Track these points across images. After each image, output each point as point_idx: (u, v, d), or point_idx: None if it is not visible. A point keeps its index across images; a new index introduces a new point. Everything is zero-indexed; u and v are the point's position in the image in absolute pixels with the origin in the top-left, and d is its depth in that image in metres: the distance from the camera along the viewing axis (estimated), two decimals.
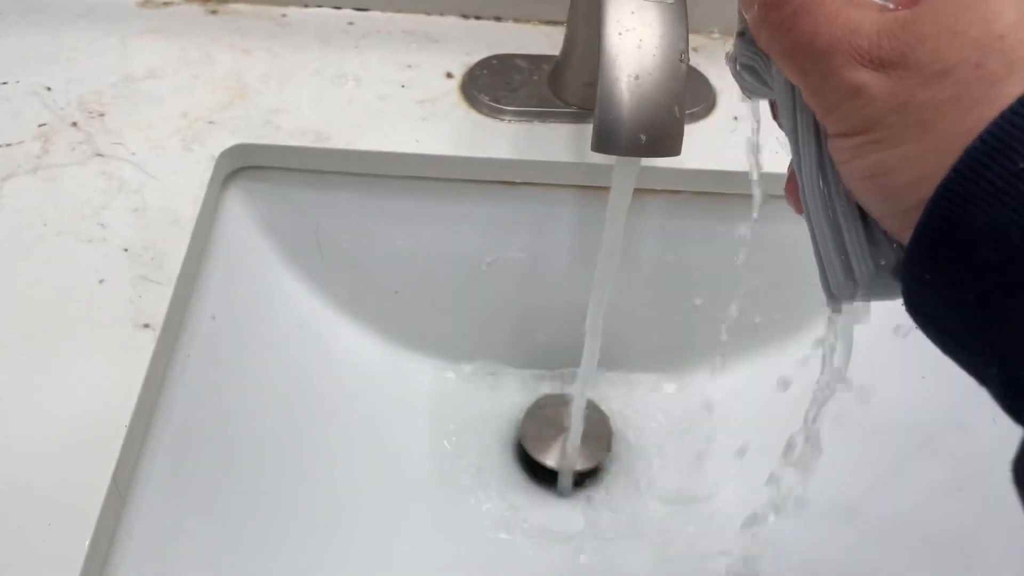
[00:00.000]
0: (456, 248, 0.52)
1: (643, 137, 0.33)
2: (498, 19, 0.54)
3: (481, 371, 0.55)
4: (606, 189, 0.39)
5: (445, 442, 0.53)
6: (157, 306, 0.38)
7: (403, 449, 0.52)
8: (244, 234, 0.47)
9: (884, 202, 0.22)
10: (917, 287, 0.21)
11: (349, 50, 0.51)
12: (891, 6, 0.21)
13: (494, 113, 0.49)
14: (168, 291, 0.39)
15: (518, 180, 0.48)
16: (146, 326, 0.37)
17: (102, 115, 0.46)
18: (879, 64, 0.21)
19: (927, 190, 0.20)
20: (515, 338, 0.56)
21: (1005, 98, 0.19)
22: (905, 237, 0.21)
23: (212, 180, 0.44)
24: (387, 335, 0.53)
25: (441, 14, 0.54)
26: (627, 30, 0.33)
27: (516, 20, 0.54)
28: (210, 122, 0.46)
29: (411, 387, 0.54)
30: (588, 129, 0.46)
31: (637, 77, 0.33)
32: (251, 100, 0.48)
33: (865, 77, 0.21)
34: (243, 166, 0.47)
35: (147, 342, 0.37)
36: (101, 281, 0.39)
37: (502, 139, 0.48)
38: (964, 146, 0.19)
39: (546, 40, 0.53)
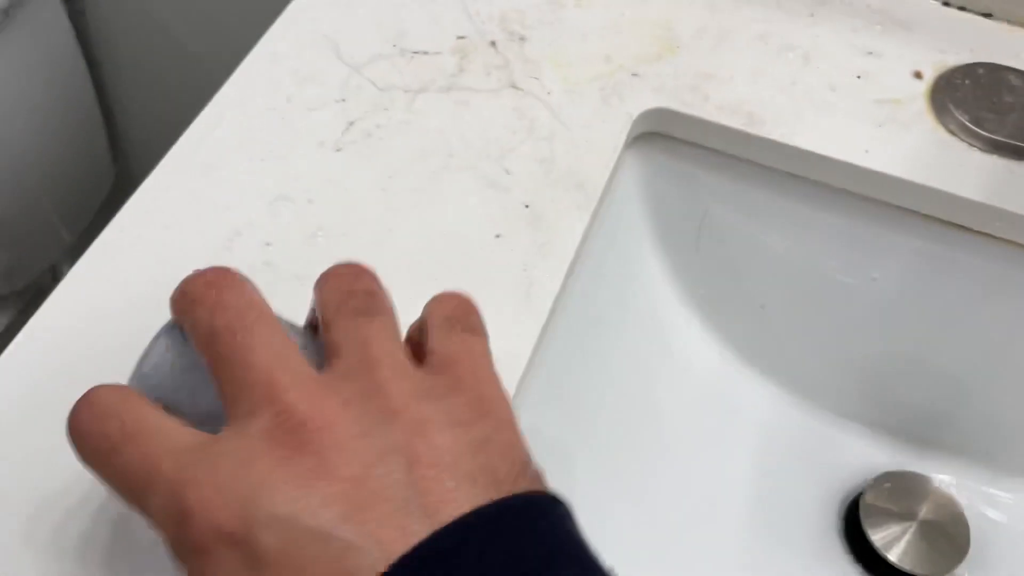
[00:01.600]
0: (844, 276, 0.44)
1: None
2: (988, 15, 0.44)
3: (828, 415, 0.48)
4: None
5: (766, 487, 0.46)
6: (548, 286, 0.34)
7: (719, 476, 0.46)
8: (628, 206, 0.42)
9: None
10: None
11: (802, 17, 0.43)
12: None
13: (968, 136, 0.39)
14: (562, 270, 0.34)
15: (975, 228, 0.39)
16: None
17: (522, 39, 0.42)
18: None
19: None
20: (873, 389, 0.48)
21: None
22: None
23: (625, 143, 0.38)
24: (735, 347, 0.47)
25: None
26: None
27: (1011, 22, 0.43)
28: (634, 74, 0.40)
29: (745, 410, 0.47)
30: None
31: None
32: (681, 56, 0.41)
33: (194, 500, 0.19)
34: (652, 131, 0.41)
35: (534, 325, 0.33)
36: (497, 236, 0.35)
37: (969, 172, 0.39)
38: None
39: None
